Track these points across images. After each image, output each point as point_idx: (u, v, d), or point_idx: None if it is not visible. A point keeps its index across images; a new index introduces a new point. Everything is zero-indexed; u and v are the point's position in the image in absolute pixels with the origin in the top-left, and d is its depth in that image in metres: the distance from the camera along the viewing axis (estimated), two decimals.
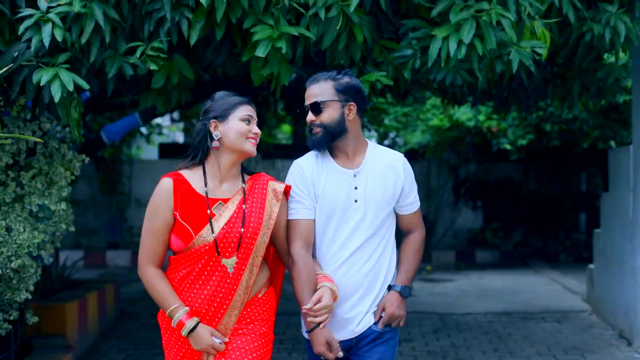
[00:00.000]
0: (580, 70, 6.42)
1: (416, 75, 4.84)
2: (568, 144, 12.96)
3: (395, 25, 4.85)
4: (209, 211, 3.25)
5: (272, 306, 3.52)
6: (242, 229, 3.26)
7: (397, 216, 3.66)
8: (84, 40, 4.02)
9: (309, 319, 3.35)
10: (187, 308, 3.25)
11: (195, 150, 3.35)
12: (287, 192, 3.48)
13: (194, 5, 4.23)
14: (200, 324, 3.25)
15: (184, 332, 3.23)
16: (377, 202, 3.49)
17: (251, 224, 3.28)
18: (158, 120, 14.46)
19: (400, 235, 3.72)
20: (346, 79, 3.48)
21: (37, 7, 4.05)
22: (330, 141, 3.47)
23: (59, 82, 3.89)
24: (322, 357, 3.45)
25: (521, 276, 11.90)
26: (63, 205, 5.02)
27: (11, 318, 5.07)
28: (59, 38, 3.91)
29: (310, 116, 3.47)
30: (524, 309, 9.03)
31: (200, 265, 3.26)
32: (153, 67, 4.16)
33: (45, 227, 5.03)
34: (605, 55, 7.04)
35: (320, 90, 3.46)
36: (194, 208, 3.25)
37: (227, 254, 3.25)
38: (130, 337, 7.64)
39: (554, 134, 11.78)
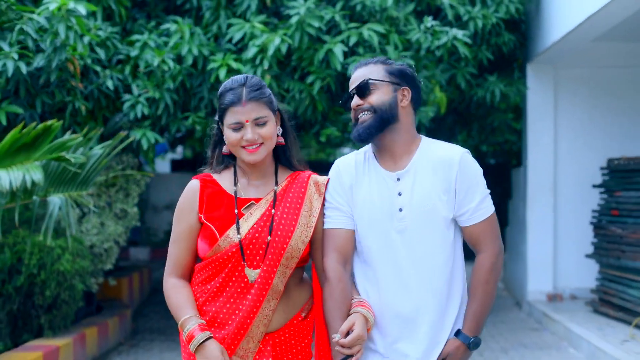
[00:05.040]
0: (477, 117, 9.37)
1: None
2: (505, 162, 15.86)
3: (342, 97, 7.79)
4: (236, 211, 2.85)
5: (323, 336, 2.95)
6: (269, 237, 2.81)
7: (462, 229, 2.92)
8: (159, 112, 6.93)
9: (337, 347, 2.74)
10: (201, 320, 2.81)
11: (212, 155, 3.00)
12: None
13: None
14: (212, 339, 2.77)
15: (191, 346, 2.76)
16: (427, 211, 2.83)
17: (281, 227, 2.83)
18: None
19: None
20: (399, 64, 2.96)
21: (130, 91, 6.97)
22: (381, 129, 2.84)
23: (146, 138, 6.80)
24: None
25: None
26: (135, 209, 7.90)
27: (99, 282, 7.91)
28: (145, 112, 6.82)
29: (356, 100, 2.89)
30: None
31: (223, 275, 2.84)
32: (198, 127, 7.07)
33: (123, 222, 7.89)
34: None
35: (368, 71, 2.90)
36: (221, 208, 2.87)
37: (253, 264, 2.82)
38: (162, 306, 10.50)
39: (489, 154, 14.70)
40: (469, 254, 2.99)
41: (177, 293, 2.88)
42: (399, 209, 2.84)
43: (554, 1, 8.52)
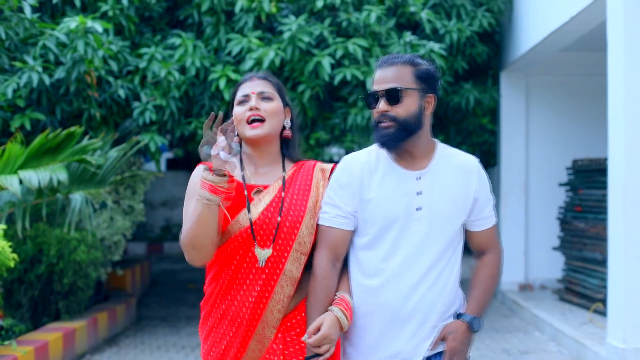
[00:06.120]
0: (454, 121, 10.17)
1: (343, 132, 8.57)
2: (484, 162, 16.69)
3: (331, 104, 8.58)
4: (246, 192, 2.85)
5: None
6: (280, 218, 2.82)
7: (468, 233, 2.99)
8: (165, 118, 7.70)
9: (309, 345, 2.75)
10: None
11: None
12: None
13: (221, 97, 7.91)
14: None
15: (205, 176, 2.68)
16: (445, 213, 2.85)
17: (291, 212, 2.84)
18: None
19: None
20: (425, 65, 2.86)
21: (139, 99, 7.73)
22: (405, 139, 2.80)
23: (154, 141, 7.57)
24: None
25: None
26: (140, 205, 8.66)
27: (107, 272, 8.67)
28: (153, 118, 7.59)
29: (382, 105, 2.79)
30: None
31: (235, 262, 2.83)
32: (200, 131, 7.83)
33: (130, 217, 8.66)
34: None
35: (397, 74, 2.80)
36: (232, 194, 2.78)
37: (262, 244, 2.81)
38: (161, 296, 11.29)
39: (469, 153, 15.51)
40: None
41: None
42: (417, 208, 2.83)
43: (523, 16, 9.34)
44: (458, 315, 2.90)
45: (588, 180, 9.19)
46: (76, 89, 7.28)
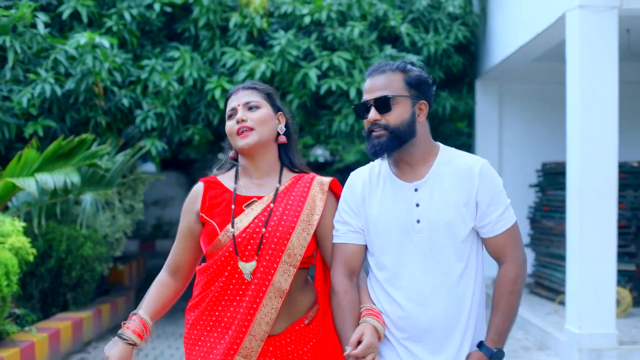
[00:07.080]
0: (431, 127, 10.84)
1: (328, 137, 9.28)
2: None
3: (317, 112, 9.29)
4: (233, 206, 2.82)
5: (326, 341, 2.92)
6: (264, 229, 2.78)
7: (483, 241, 2.83)
8: (164, 125, 8.37)
9: (351, 359, 2.67)
10: (144, 319, 2.87)
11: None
12: (333, 187, 2.95)
13: (216, 105, 8.59)
14: (123, 344, 2.82)
15: (118, 333, 2.86)
16: (446, 223, 2.73)
17: (282, 222, 2.80)
18: None
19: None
20: (417, 72, 2.81)
21: (140, 107, 8.40)
22: (398, 147, 2.73)
23: (155, 146, 8.23)
24: None
25: None
26: (140, 205, 9.32)
27: (110, 266, 9.32)
28: (154, 125, 8.26)
29: (373, 114, 2.72)
30: None
31: (226, 274, 2.80)
32: (196, 136, 8.51)
33: (130, 216, 9.31)
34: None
35: (387, 81, 2.75)
36: (223, 205, 2.86)
37: (244, 258, 2.77)
38: None
39: None
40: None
41: (151, 287, 2.97)
42: (417, 220, 2.75)
43: (495, 30, 10.05)
44: (480, 344, 2.81)
45: (555, 182, 9.88)
46: (84, 99, 7.94)
